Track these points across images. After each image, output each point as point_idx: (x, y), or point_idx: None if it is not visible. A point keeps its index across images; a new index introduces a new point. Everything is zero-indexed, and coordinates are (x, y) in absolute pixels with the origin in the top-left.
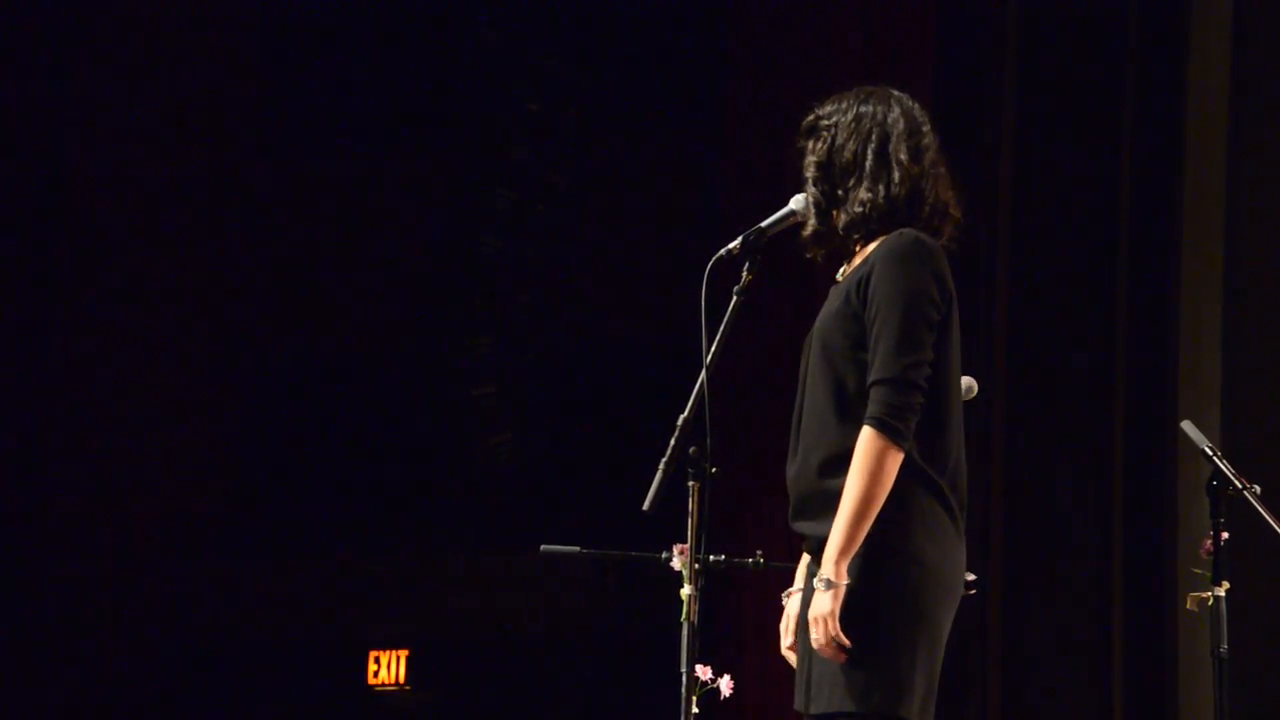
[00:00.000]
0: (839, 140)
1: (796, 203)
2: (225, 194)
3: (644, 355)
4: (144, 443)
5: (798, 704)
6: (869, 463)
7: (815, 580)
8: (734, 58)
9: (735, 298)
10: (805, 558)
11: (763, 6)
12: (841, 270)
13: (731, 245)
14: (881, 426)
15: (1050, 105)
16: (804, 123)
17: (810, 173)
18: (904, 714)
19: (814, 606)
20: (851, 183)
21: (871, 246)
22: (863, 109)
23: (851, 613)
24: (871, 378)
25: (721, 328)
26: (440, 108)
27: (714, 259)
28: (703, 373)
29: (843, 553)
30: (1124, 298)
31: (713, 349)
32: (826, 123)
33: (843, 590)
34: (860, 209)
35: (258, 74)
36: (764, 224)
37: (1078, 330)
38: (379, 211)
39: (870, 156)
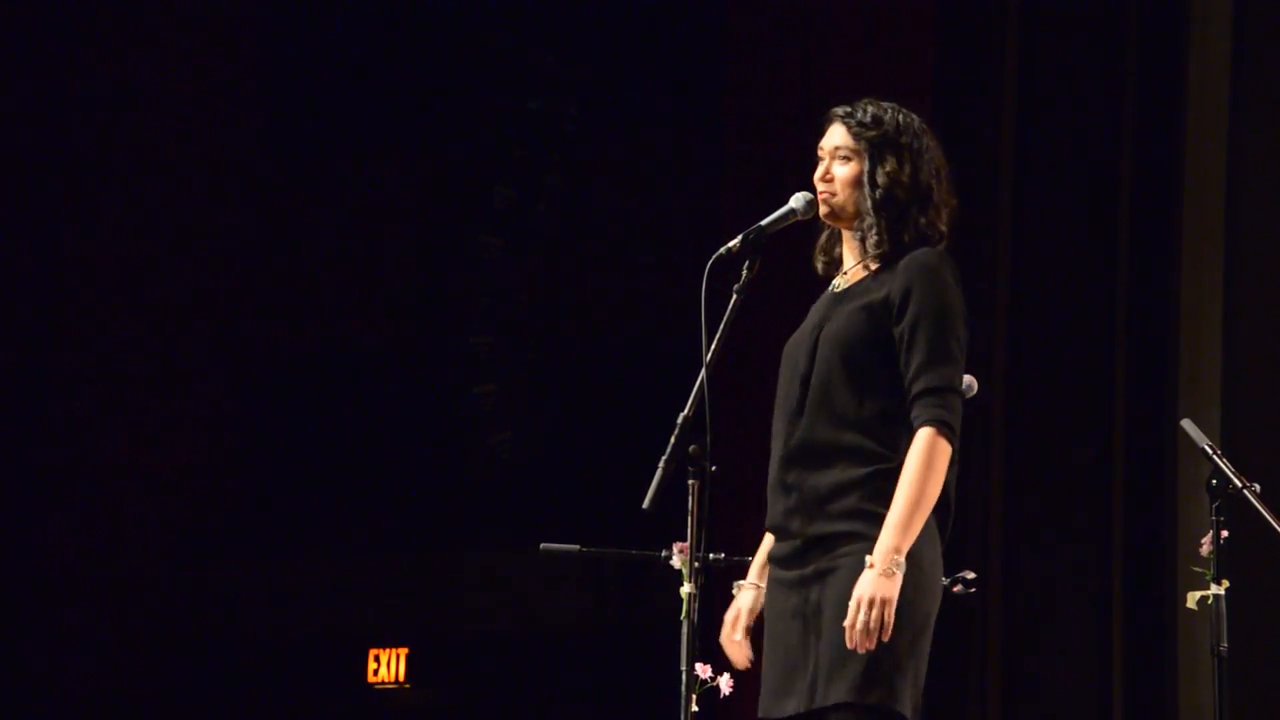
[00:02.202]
0: (919, 164)
1: (797, 201)
2: (223, 194)
3: (644, 353)
4: (143, 442)
5: (789, 708)
6: (930, 459)
7: (877, 563)
8: (735, 55)
9: (735, 296)
10: (763, 553)
11: (763, 5)
12: (841, 281)
13: (731, 243)
14: (941, 427)
15: (1050, 104)
16: (865, 121)
17: (896, 191)
18: (899, 708)
19: (875, 587)
20: (916, 209)
21: (874, 266)
22: (926, 139)
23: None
24: (922, 385)
25: (721, 326)
26: (439, 106)
27: (714, 257)
28: (703, 371)
29: (905, 541)
30: (1124, 295)
31: (713, 347)
32: (904, 140)
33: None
34: (918, 234)
35: (256, 72)
36: (764, 222)
37: (1077, 328)
38: (378, 210)
39: (935, 189)
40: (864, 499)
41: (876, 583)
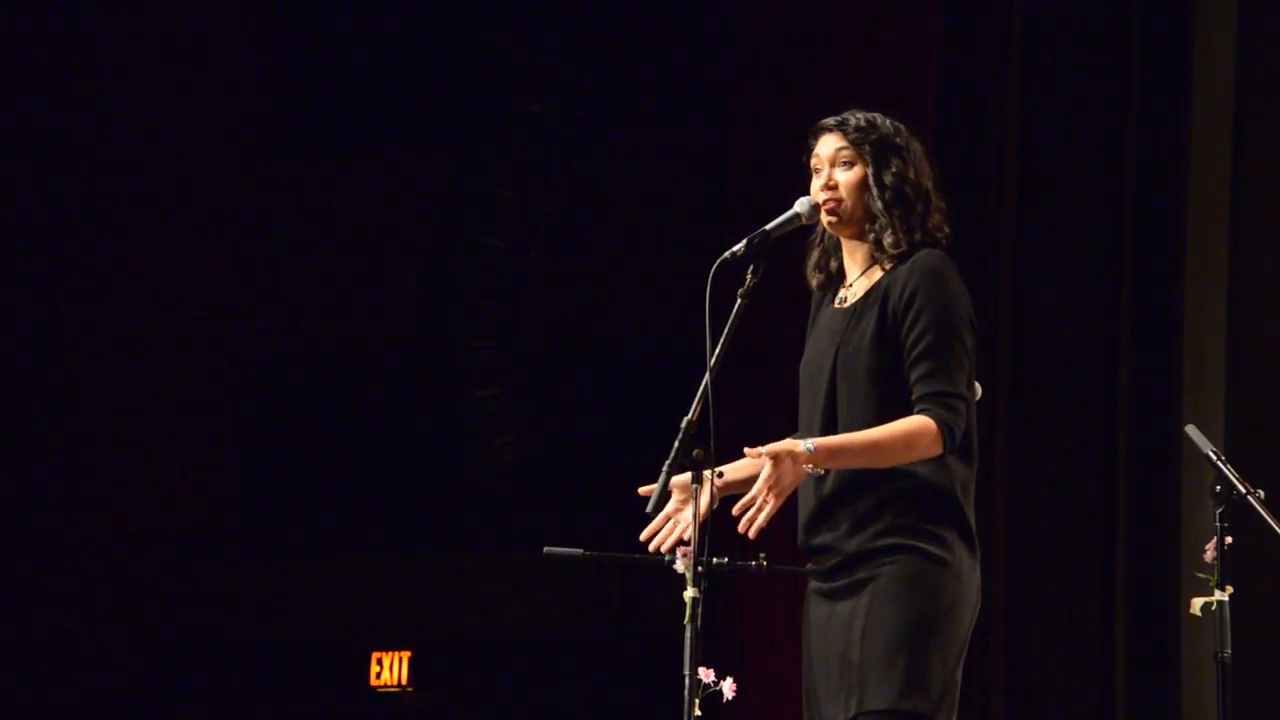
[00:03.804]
0: (917, 166)
1: (801, 205)
2: (224, 195)
3: (647, 357)
4: (144, 442)
5: (828, 716)
6: (914, 439)
7: (804, 445)
8: (739, 57)
9: (739, 300)
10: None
11: (768, 7)
12: (847, 295)
13: (736, 248)
14: (944, 428)
15: (1054, 107)
16: (862, 126)
17: (905, 190)
18: (931, 713)
19: (788, 447)
20: (920, 209)
21: (889, 267)
22: (915, 144)
23: (899, 619)
24: (927, 388)
25: (725, 330)
26: (442, 108)
27: (718, 261)
28: (707, 375)
29: (837, 461)
30: (1128, 301)
31: (717, 351)
32: (900, 142)
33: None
34: (926, 233)
35: (259, 74)
36: (769, 227)
37: (1081, 334)
38: (381, 212)
39: (931, 190)
40: (899, 515)
41: (798, 454)
